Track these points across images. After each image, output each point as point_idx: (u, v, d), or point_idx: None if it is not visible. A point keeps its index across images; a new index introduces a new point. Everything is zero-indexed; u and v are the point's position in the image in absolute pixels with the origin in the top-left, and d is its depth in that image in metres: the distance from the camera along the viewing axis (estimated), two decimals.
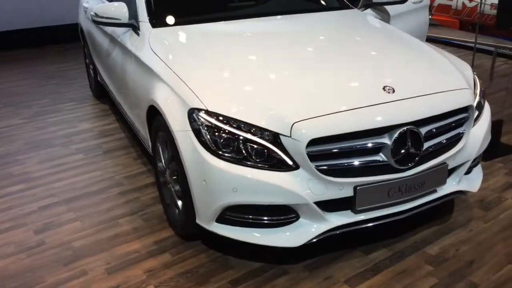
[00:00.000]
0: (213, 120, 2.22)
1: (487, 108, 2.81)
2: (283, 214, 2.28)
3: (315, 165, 2.17)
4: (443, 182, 2.49)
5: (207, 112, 2.25)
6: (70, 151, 3.94)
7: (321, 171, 2.18)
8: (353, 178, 2.23)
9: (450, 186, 2.58)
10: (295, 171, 2.20)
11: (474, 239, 2.66)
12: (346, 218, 2.32)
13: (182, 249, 2.63)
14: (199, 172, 2.25)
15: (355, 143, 2.22)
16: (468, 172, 2.73)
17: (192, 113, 2.28)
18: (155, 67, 2.73)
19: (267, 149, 2.18)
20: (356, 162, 2.23)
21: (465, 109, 2.50)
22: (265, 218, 2.28)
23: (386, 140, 2.25)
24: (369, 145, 2.24)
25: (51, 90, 5.63)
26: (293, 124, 2.15)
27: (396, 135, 2.23)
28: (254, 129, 2.19)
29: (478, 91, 2.72)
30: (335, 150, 2.19)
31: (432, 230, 2.73)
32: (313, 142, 2.15)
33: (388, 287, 2.31)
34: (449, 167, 2.49)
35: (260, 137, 2.19)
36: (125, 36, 3.34)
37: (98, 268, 2.50)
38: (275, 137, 2.18)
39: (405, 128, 2.25)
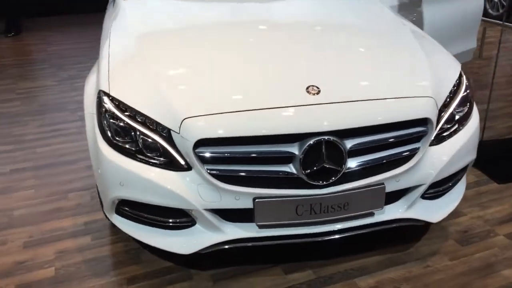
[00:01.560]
0: (112, 107, 2.05)
1: (472, 121, 2.29)
2: (177, 217, 2.07)
3: (207, 169, 1.92)
4: (378, 205, 2.08)
5: (110, 97, 2.08)
6: (74, 117, 4.02)
7: (214, 176, 1.92)
8: (251, 189, 1.93)
9: (393, 211, 2.15)
10: (187, 173, 1.96)
11: (423, 278, 2.21)
12: (246, 232, 2.05)
13: (106, 234, 2.54)
14: (95, 159, 2.11)
15: (254, 149, 1.91)
16: (434, 196, 2.27)
17: (100, 95, 2.13)
18: (103, 39, 2.61)
19: (160, 145, 1.97)
20: (257, 170, 1.93)
21: (423, 122, 2.05)
22: (159, 218, 2.08)
23: (295, 150, 1.91)
24: (274, 153, 1.92)
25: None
26: (183, 120, 1.91)
27: (306, 145, 1.89)
28: (149, 122, 1.99)
29: (455, 101, 2.22)
30: (228, 155, 1.91)
31: (379, 258, 2.33)
32: (204, 143, 1.89)
33: None
34: (390, 189, 2.07)
35: (155, 131, 1.98)
36: (109, 6, 3.26)
37: (18, 240, 2.51)
38: (169, 133, 1.96)
39: (320, 138, 1.89)
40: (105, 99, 2.08)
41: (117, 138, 2.02)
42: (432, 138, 2.11)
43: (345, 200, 2.00)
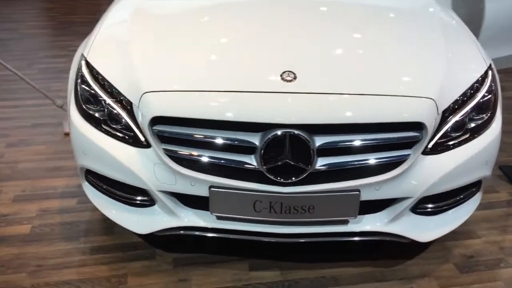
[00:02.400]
0: (86, 72, 1.99)
1: (490, 132, 1.95)
2: (137, 195, 1.98)
3: (164, 149, 1.80)
4: (351, 214, 1.84)
5: (86, 62, 2.02)
6: None
7: (170, 157, 1.80)
8: (207, 176, 1.79)
9: (371, 223, 1.91)
10: (145, 150, 1.86)
11: None
12: (202, 221, 1.91)
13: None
14: (69, 124, 2.07)
15: (214, 134, 1.75)
16: (430, 212, 1.98)
17: (81, 59, 2.08)
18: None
19: (123, 118, 1.88)
20: (215, 157, 1.78)
21: (417, 126, 1.76)
22: (118, 193, 2.01)
23: (257, 140, 1.73)
24: (235, 141, 1.75)
25: None
26: (143, 94, 1.79)
27: (267, 137, 1.70)
28: (116, 92, 1.90)
29: (469, 106, 1.89)
30: (186, 137, 1.77)
31: (359, 270, 2.10)
32: (163, 120, 1.77)
33: None
34: (367, 198, 1.83)
35: (120, 103, 1.88)
36: None
37: (10, 193, 2.57)
38: (131, 107, 1.86)
39: (284, 131, 1.69)
40: (82, 63, 2.02)
41: (87, 105, 1.96)
42: (426, 145, 1.82)
43: (310, 202, 1.79)
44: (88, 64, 2.00)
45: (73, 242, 2.23)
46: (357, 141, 1.75)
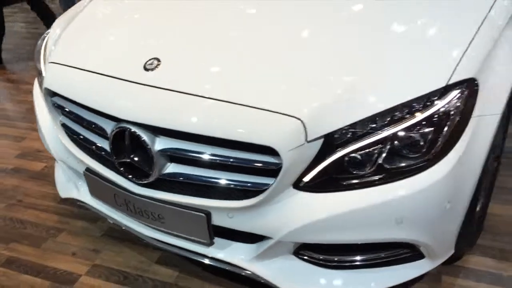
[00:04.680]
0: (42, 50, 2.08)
1: (423, 178, 1.35)
2: None
3: (60, 120, 1.82)
4: (202, 237, 1.54)
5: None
6: None
7: (66, 131, 1.81)
8: (83, 156, 1.74)
9: (232, 253, 1.56)
10: (57, 118, 1.90)
11: None
12: (85, 196, 1.89)
13: None
14: None
15: (83, 115, 1.68)
16: (325, 264, 1.52)
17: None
18: None
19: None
20: (88, 139, 1.71)
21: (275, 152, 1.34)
22: None
23: (109, 130, 1.58)
24: (92, 125, 1.65)
25: None
26: (49, 62, 1.80)
27: (112, 130, 1.54)
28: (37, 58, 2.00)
29: (384, 136, 1.33)
30: (68, 114, 1.74)
31: None
32: (57, 93, 1.77)
33: None
34: (221, 224, 1.50)
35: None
36: None
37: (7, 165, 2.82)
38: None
39: (122, 126, 1.50)
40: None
41: None
42: (300, 178, 1.37)
43: (158, 211, 1.57)
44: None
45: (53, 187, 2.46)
46: (206, 154, 1.43)
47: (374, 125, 1.34)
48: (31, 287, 1.92)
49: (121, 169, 1.57)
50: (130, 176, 1.56)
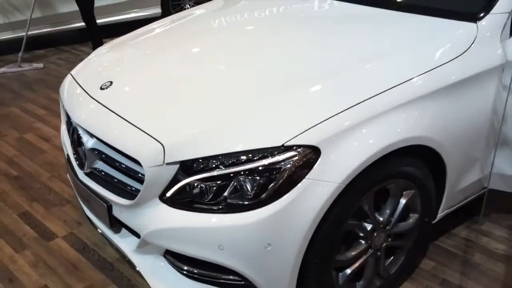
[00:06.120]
0: None
1: (240, 220, 1.61)
2: None
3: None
4: (107, 224, 1.96)
5: None
6: None
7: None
8: (66, 140, 2.30)
9: (129, 244, 1.92)
10: None
11: None
12: None
13: None
14: None
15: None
16: (184, 273, 1.82)
17: None
18: None
19: None
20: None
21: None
22: None
23: None
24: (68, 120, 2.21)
25: None
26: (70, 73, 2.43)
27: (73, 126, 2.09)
28: None
29: (220, 172, 1.64)
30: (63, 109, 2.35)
31: None
32: None
33: None
34: (117, 216, 1.90)
35: None
36: None
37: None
38: None
39: (75, 123, 2.03)
40: None
41: None
42: (164, 192, 1.72)
43: (87, 197, 2.04)
44: None
45: None
46: (112, 158, 1.87)
47: (223, 162, 1.64)
48: (24, 235, 2.55)
49: (74, 155, 2.10)
50: (77, 163, 2.07)
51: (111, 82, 2.06)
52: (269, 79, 1.89)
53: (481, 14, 2.05)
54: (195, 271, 1.78)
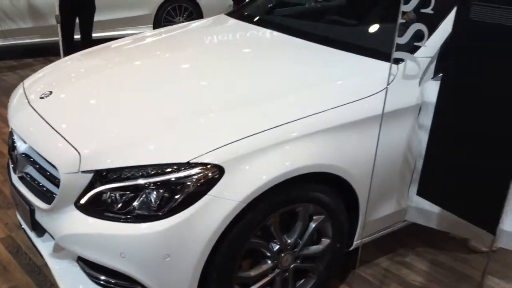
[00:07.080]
0: None
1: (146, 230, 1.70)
2: None
3: None
4: (30, 227, 2.04)
5: None
6: None
7: None
8: None
9: (47, 248, 2.00)
10: None
11: None
12: None
13: None
14: None
15: None
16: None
17: None
18: None
19: None
20: None
21: None
22: None
23: None
24: None
25: None
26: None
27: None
28: None
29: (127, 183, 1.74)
30: None
31: None
32: None
33: None
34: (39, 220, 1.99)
35: None
36: None
37: None
38: None
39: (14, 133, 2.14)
40: None
41: None
42: (78, 199, 1.81)
43: (18, 199, 2.12)
44: None
45: None
46: (36, 163, 1.98)
47: (134, 174, 1.74)
48: None
49: (9, 160, 2.19)
50: (12, 166, 2.17)
51: (51, 92, 2.18)
52: (192, 103, 2.01)
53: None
54: (104, 279, 1.86)
